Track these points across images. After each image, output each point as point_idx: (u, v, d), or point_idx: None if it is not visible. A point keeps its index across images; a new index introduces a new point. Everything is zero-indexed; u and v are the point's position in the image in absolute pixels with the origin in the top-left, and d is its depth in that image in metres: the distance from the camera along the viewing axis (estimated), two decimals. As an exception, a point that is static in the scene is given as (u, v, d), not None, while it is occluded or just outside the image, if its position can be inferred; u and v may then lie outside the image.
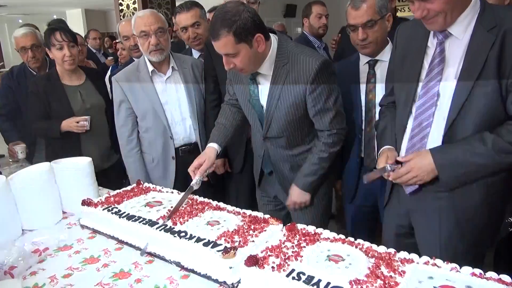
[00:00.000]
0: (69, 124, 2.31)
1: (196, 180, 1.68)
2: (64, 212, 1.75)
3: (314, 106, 1.65)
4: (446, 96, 1.34)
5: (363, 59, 1.91)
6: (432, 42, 1.39)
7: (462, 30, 1.29)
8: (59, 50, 2.30)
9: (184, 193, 1.63)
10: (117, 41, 3.77)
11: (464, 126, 1.32)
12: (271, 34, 1.64)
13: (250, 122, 1.86)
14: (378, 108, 1.77)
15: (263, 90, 1.72)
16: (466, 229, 1.43)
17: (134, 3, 5.90)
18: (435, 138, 1.39)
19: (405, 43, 1.47)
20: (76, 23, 11.25)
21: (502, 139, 1.27)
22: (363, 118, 1.93)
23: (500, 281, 1.04)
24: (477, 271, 1.08)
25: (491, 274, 1.07)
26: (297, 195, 1.78)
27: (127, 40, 2.85)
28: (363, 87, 1.91)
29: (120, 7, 6.04)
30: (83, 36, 5.50)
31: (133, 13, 5.95)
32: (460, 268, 1.10)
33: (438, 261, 1.14)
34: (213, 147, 1.79)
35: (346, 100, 1.93)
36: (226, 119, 1.90)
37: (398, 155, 1.49)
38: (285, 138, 1.76)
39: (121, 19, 6.04)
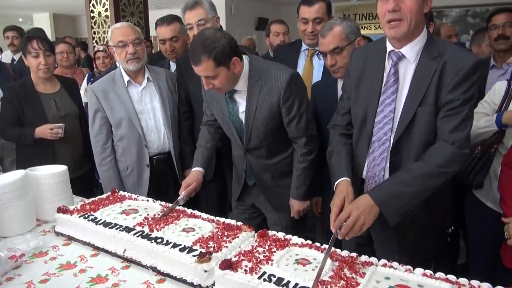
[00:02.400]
0: (43, 131, 2.31)
1: (182, 196, 1.79)
2: (37, 220, 1.76)
3: (287, 115, 1.79)
4: (399, 113, 1.47)
5: (341, 81, 2.00)
6: (388, 63, 1.52)
7: (413, 55, 1.44)
8: (35, 58, 2.31)
9: (171, 204, 1.71)
10: (99, 49, 3.74)
11: (408, 142, 1.46)
12: (243, 55, 1.77)
13: (231, 138, 1.98)
14: None
15: (241, 106, 1.84)
16: (405, 240, 1.56)
17: (106, 10, 5.87)
18: None
19: (361, 65, 1.58)
20: (44, 27, 10.93)
21: (425, 164, 1.39)
22: None
23: (447, 280, 1.18)
24: (428, 272, 1.22)
25: (439, 274, 1.21)
26: (297, 205, 1.93)
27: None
28: None
29: (92, 14, 5.99)
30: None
31: (104, 21, 5.92)
32: (414, 270, 1.23)
33: (395, 264, 1.27)
34: (199, 170, 1.95)
35: (326, 120, 2.05)
36: (206, 141, 2.05)
37: (362, 173, 1.59)
38: (265, 147, 1.88)
39: (92, 26, 6.01)
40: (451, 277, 1.19)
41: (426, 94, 1.40)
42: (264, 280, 1.17)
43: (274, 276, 1.19)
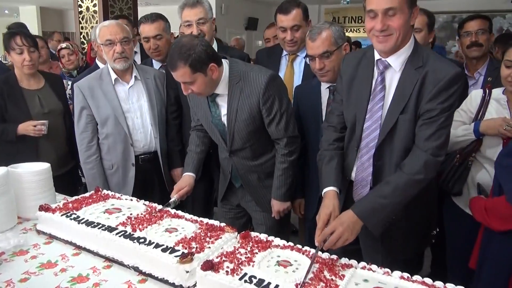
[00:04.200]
0: (26, 127, 2.28)
1: (174, 199, 1.85)
2: (18, 218, 1.74)
3: (268, 115, 1.82)
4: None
5: (324, 84, 2.04)
6: (376, 71, 1.56)
7: (398, 64, 1.48)
8: (19, 54, 2.28)
9: (160, 206, 1.73)
10: (62, 46, 3.57)
11: (390, 148, 1.51)
12: (222, 60, 1.81)
13: (216, 141, 2.00)
14: None
15: (223, 109, 1.87)
16: (390, 240, 1.60)
17: (94, 5, 5.81)
18: None
19: (352, 71, 1.62)
20: (30, 21, 10.76)
21: (402, 174, 1.45)
22: None
23: (423, 283, 1.21)
24: (405, 274, 1.25)
25: (416, 277, 1.24)
26: (278, 206, 1.95)
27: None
28: (324, 111, 2.03)
29: (80, 9, 5.92)
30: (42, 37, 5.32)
31: (92, 16, 5.86)
32: (392, 273, 1.26)
33: (373, 266, 1.30)
34: (190, 175, 2.00)
35: (309, 123, 2.08)
36: (196, 146, 2.09)
37: (350, 175, 1.63)
38: (249, 149, 1.91)
39: (79, 21, 5.95)
40: (427, 280, 1.22)
41: (408, 103, 1.44)
42: (245, 281, 1.18)
43: (255, 277, 1.20)
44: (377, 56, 1.52)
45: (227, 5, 8.88)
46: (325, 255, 1.36)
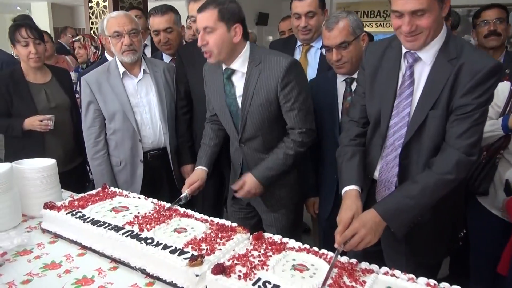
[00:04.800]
0: (32, 122, 2.23)
1: (185, 195, 1.77)
2: (23, 215, 1.68)
3: (286, 102, 1.71)
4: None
5: (341, 77, 1.94)
6: (403, 65, 1.45)
7: (429, 57, 1.37)
8: (25, 47, 2.22)
9: (169, 204, 1.66)
10: (74, 39, 3.61)
11: (418, 146, 1.40)
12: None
13: (227, 129, 1.90)
14: None
15: (238, 90, 1.78)
16: (414, 242, 1.50)
17: (104, 0, 5.76)
18: None
19: (376, 62, 1.51)
20: (42, 17, 10.82)
21: (431, 173, 1.34)
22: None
23: (452, 292, 1.11)
24: (432, 281, 1.15)
25: (444, 285, 1.14)
26: (253, 185, 1.76)
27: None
28: (340, 104, 1.94)
29: (90, 4, 5.88)
30: (51, 32, 5.32)
31: (103, 11, 5.81)
32: (417, 279, 1.17)
33: (397, 272, 1.20)
34: (203, 169, 1.91)
35: (324, 116, 1.98)
36: (209, 139, 1.99)
37: (373, 174, 1.53)
38: (261, 138, 1.80)
39: (90, 17, 5.91)
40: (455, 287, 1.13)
41: (439, 97, 1.33)
42: (259, 287, 1.10)
43: (270, 283, 1.12)
44: (405, 48, 1.41)
45: (238, 0, 8.78)
46: (344, 259, 1.27)
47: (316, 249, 1.32)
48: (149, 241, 1.33)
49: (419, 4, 1.26)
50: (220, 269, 1.16)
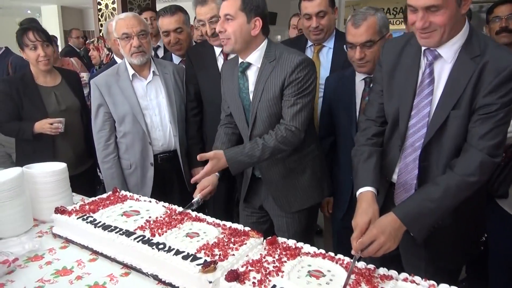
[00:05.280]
0: (42, 125, 2.23)
1: (197, 199, 1.73)
2: (34, 220, 1.68)
3: (287, 97, 1.67)
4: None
5: (360, 75, 1.89)
6: (422, 62, 1.39)
7: (450, 54, 1.32)
8: (33, 50, 2.22)
9: (181, 208, 1.63)
10: (89, 42, 3.65)
11: (439, 147, 1.35)
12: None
13: (239, 126, 1.87)
14: None
15: (251, 84, 1.76)
16: (433, 247, 1.45)
17: (113, 2, 5.77)
18: None
19: (394, 59, 1.46)
20: (52, 20, 10.92)
21: (453, 175, 1.29)
22: None
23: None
24: (453, 288, 1.10)
25: (467, 292, 1.09)
26: (222, 164, 1.67)
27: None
28: (358, 104, 1.89)
29: (99, 6, 5.90)
30: (61, 35, 5.35)
31: (112, 13, 5.83)
32: (438, 286, 1.12)
33: (417, 278, 1.16)
34: (214, 174, 1.83)
35: (341, 115, 1.93)
36: (222, 143, 1.92)
37: (391, 176, 1.48)
38: None
39: (99, 19, 5.93)
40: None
41: (461, 97, 1.28)
42: (274, 294, 1.07)
43: (285, 290, 1.09)
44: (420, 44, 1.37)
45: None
46: (361, 264, 1.23)
47: (332, 254, 1.28)
48: (161, 246, 1.31)
49: (433, 0, 1.22)
50: (234, 276, 1.13)
